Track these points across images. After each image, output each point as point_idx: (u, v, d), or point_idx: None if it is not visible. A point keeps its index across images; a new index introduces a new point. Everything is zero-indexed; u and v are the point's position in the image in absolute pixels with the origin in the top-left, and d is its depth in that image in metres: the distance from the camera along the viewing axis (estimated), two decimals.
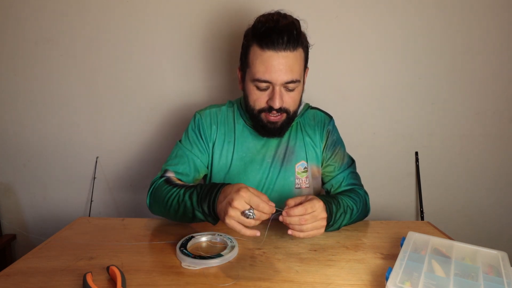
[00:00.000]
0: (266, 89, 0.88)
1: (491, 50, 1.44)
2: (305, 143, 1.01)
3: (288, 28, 0.83)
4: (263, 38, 0.83)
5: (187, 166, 0.96)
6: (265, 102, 0.89)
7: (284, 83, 0.86)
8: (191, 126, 1.01)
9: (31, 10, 1.39)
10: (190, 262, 0.72)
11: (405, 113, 1.49)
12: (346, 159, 1.03)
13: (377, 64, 1.45)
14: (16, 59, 1.43)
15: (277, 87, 0.86)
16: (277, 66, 0.84)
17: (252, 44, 0.87)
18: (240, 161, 0.99)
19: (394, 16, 1.40)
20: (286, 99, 0.89)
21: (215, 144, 1.00)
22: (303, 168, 1.01)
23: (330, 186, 1.02)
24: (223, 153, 1.00)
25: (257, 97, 0.90)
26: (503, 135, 1.52)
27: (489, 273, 0.68)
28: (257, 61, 0.85)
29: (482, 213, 1.59)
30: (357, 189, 0.99)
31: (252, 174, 0.99)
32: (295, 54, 0.85)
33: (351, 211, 0.89)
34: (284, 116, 0.92)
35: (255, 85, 0.88)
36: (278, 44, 0.82)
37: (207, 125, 1.00)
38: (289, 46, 0.83)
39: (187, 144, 0.99)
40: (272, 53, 0.83)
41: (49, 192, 1.55)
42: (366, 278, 0.70)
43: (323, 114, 1.06)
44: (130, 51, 1.42)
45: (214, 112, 1.02)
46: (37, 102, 1.47)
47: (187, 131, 1.01)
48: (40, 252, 0.77)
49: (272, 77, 0.85)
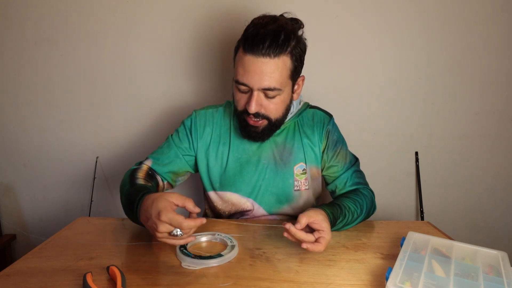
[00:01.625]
0: (246, 92, 0.88)
1: (491, 50, 1.44)
2: (303, 144, 0.99)
3: (273, 34, 0.81)
4: (247, 41, 0.83)
5: (167, 158, 0.98)
6: (243, 105, 0.89)
7: (261, 89, 0.85)
8: (184, 123, 1.03)
9: (31, 10, 1.39)
10: (190, 262, 0.72)
11: (405, 113, 1.49)
12: (349, 157, 1.01)
13: (377, 64, 1.45)
14: (16, 59, 1.43)
15: (255, 92, 0.85)
16: (254, 71, 0.82)
17: (240, 46, 0.87)
18: (236, 162, 0.99)
19: (394, 16, 1.40)
20: (266, 106, 0.88)
21: (210, 145, 1.00)
22: (302, 170, 0.99)
23: (335, 186, 1.00)
24: (218, 154, 1.00)
25: (239, 98, 0.90)
26: (503, 135, 1.52)
27: (489, 273, 0.68)
28: (239, 63, 0.86)
29: (482, 213, 1.59)
30: (362, 190, 0.98)
31: (247, 176, 0.98)
32: (276, 62, 0.82)
33: (355, 219, 0.90)
34: (265, 122, 0.90)
35: (237, 86, 0.88)
36: (258, 49, 0.81)
37: (200, 125, 1.00)
38: (269, 52, 0.81)
39: (176, 138, 1.01)
40: (251, 57, 0.82)
41: (49, 192, 1.55)
42: (366, 278, 0.70)
43: (322, 113, 1.04)
44: (130, 51, 1.42)
45: (211, 113, 1.03)
46: (37, 102, 1.47)
47: (179, 126, 1.03)
48: (40, 252, 0.78)
49: (248, 80, 0.84)
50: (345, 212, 0.86)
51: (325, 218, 0.76)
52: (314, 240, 0.72)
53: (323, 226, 0.73)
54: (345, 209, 0.87)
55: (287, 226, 0.71)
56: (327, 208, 0.81)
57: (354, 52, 1.43)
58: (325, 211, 0.79)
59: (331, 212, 0.81)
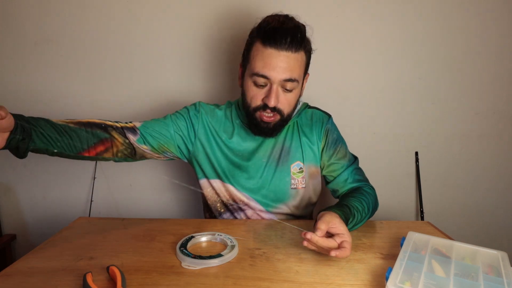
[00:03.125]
0: (264, 86, 0.89)
1: (491, 50, 1.44)
2: (301, 143, 1.01)
3: (293, 31, 0.85)
4: (267, 36, 0.85)
5: (158, 127, 0.95)
6: (261, 100, 0.90)
7: (282, 80, 0.86)
8: (187, 107, 1.02)
9: (31, 10, 1.38)
10: (190, 262, 0.72)
11: (405, 113, 1.49)
12: (348, 156, 1.03)
13: (377, 64, 1.45)
14: (16, 59, 1.43)
15: (275, 85, 0.87)
16: (277, 64, 0.85)
17: (255, 41, 0.88)
18: (235, 159, 1.00)
19: (394, 16, 1.40)
20: (283, 100, 0.89)
21: (211, 137, 1.00)
22: (299, 169, 1.00)
23: (336, 185, 1.02)
24: (217, 151, 1.00)
25: (254, 93, 0.90)
26: (503, 135, 1.52)
27: (489, 273, 0.68)
28: (258, 56, 0.86)
29: (482, 213, 1.59)
30: (364, 187, 0.99)
31: (245, 172, 0.99)
32: (296, 56, 0.86)
33: (363, 218, 0.91)
34: (278, 117, 0.92)
35: (253, 80, 0.88)
36: (281, 43, 0.84)
37: (203, 113, 1.01)
38: (291, 47, 0.84)
39: (174, 116, 1.00)
40: (273, 51, 0.84)
41: (49, 192, 1.55)
42: (366, 278, 0.70)
43: (321, 113, 1.06)
44: (130, 51, 1.42)
45: (212, 108, 1.04)
46: (37, 102, 1.47)
47: (181, 109, 1.02)
48: (40, 252, 0.77)
49: (270, 73, 0.85)
50: (354, 212, 0.86)
51: (341, 220, 0.75)
52: (338, 245, 0.71)
53: (341, 229, 0.73)
54: (354, 209, 0.87)
55: (308, 236, 0.70)
56: (337, 210, 0.81)
57: (354, 52, 1.43)
58: (337, 214, 0.78)
59: (342, 214, 0.80)
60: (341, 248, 0.71)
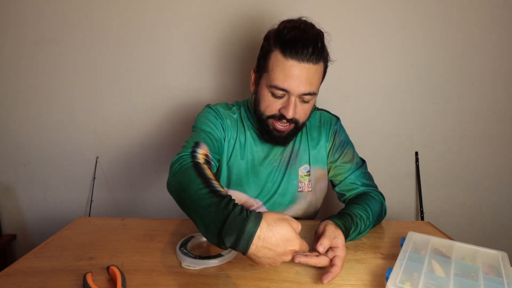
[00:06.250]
0: (281, 97, 0.86)
1: (491, 50, 1.44)
2: (309, 146, 0.99)
3: (314, 40, 0.81)
4: (288, 46, 0.80)
5: (216, 141, 0.89)
6: (277, 110, 0.87)
7: (301, 94, 0.83)
8: (207, 111, 0.95)
9: (31, 10, 1.39)
10: (190, 262, 0.72)
11: (405, 113, 1.49)
12: (356, 159, 1.00)
13: (377, 64, 1.45)
14: (16, 59, 1.43)
15: (293, 97, 0.84)
16: (298, 77, 0.81)
17: (274, 49, 0.84)
18: (246, 163, 0.98)
19: (395, 16, 1.40)
20: (300, 110, 0.87)
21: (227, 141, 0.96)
22: (306, 172, 0.99)
23: (342, 188, 0.99)
24: (231, 154, 0.97)
25: (270, 103, 0.87)
26: (503, 135, 1.52)
27: (489, 273, 0.68)
28: (278, 68, 0.82)
29: (482, 213, 1.59)
30: (371, 193, 0.95)
31: (257, 177, 0.98)
32: (316, 67, 0.83)
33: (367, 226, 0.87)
34: (292, 126, 0.89)
35: (271, 91, 0.85)
36: (303, 54, 0.79)
37: (224, 116, 0.96)
38: (312, 58, 0.80)
39: (208, 124, 0.91)
40: (295, 63, 0.80)
41: (49, 192, 1.55)
42: (366, 278, 0.70)
43: (329, 115, 1.04)
44: (129, 51, 1.42)
45: (226, 109, 0.99)
46: (37, 102, 1.47)
47: (202, 117, 0.93)
48: (40, 252, 0.77)
49: (290, 86, 0.82)
50: (356, 221, 0.83)
51: (340, 232, 0.73)
52: (329, 261, 0.70)
53: (338, 243, 0.71)
54: (356, 217, 0.84)
55: (296, 260, 0.68)
56: (338, 220, 0.78)
57: (354, 52, 1.43)
58: (337, 224, 0.76)
59: (343, 224, 0.78)
60: (330, 271, 0.67)
